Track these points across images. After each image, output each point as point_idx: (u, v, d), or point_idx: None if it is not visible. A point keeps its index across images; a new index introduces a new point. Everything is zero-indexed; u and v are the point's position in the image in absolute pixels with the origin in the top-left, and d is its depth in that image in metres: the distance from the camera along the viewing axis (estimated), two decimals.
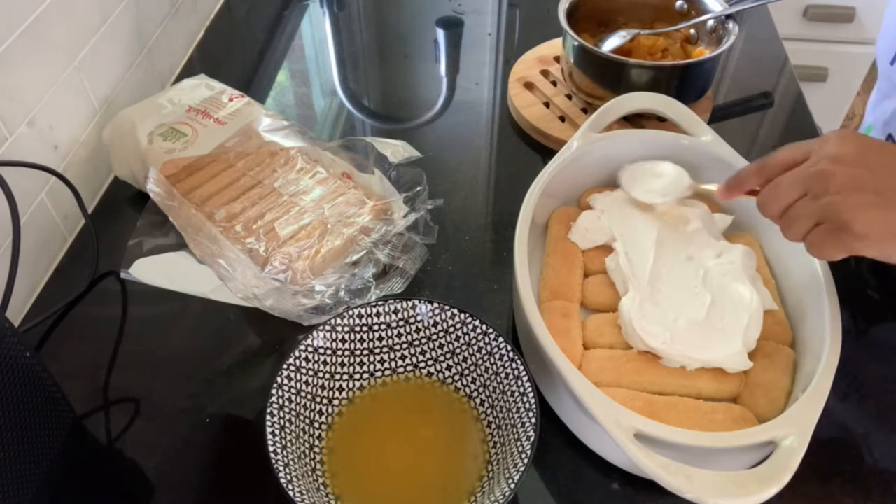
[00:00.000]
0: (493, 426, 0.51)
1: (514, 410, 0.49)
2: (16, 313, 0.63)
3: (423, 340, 0.55)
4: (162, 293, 0.62)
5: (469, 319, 0.53)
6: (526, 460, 0.45)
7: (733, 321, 0.54)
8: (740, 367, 0.52)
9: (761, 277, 0.58)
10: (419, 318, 0.54)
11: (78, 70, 0.70)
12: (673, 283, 0.57)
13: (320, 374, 0.52)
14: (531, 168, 0.66)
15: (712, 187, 0.57)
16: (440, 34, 1.00)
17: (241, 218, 0.64)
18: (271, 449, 0.45)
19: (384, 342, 0.55)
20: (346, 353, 0.54)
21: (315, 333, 0.52)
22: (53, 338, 0.62)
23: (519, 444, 0.47)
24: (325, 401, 0.52)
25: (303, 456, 0.48)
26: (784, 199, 0.47)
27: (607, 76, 0.77)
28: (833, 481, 0.52)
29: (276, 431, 0.47)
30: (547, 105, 0.83)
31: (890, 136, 0.70)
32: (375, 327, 0.54)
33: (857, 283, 0.64)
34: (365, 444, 0.51)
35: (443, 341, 0.54)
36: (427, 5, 1.05)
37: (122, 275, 0.62)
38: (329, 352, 0.53)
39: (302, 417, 0.50)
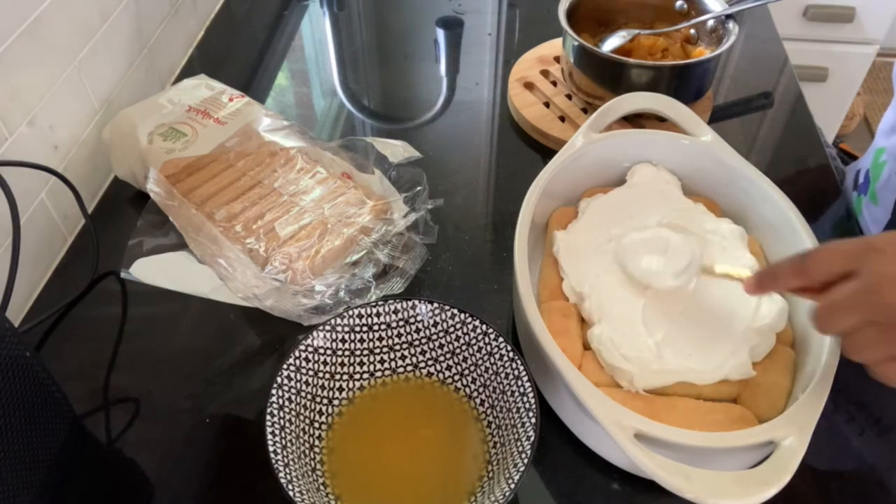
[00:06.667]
0: (493, 426, 0.51)
1: (514, 410, 0.49)
2: (16, 313, 0.63)
3: (423, 340, 0.55)
4: (162, 293, 0.62)
5: (469, 319, 0.53)
6: (526, 460, 0.45)
7: (732, 325, 0.54)
8: (743, 375, 0.52)
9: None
10: (419, 318, 0.54)
11: (78, 70, 0.70)
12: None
13: (320, 374, 0.52)
14: (531, 168, 0.66)
15: (733, 271, 0.53)
16: (440, 34, 1.00)
17: (241, 218, 0.64)
18: (271, 449, 0.45)
19: (384, 342, 0.54)
20: (346, 353, 0.54)
21: (315, 333, 0.52)
22: (53, 338, 0.62)
23: (519, 444, 0.47)
24: (325, 401, 0.52)
25: (303, 456, 0.48)
26: (845, 322, 0.43)
27: (607, 76, 0.77)
28: (832, 482, 0.52)
29: (276, 431, 0.47)
30: (547, 105, 0.83)
31: None
32: (375, 327, 0.54)
33: None
34: (365, 444, 0.51)
35: (443, 341, 0.54)
36: (427, 5, 1.05)
37: (122, 275, 0.62)
38: (329, 352, 0.53)
39: (302, 417, 0.50)
